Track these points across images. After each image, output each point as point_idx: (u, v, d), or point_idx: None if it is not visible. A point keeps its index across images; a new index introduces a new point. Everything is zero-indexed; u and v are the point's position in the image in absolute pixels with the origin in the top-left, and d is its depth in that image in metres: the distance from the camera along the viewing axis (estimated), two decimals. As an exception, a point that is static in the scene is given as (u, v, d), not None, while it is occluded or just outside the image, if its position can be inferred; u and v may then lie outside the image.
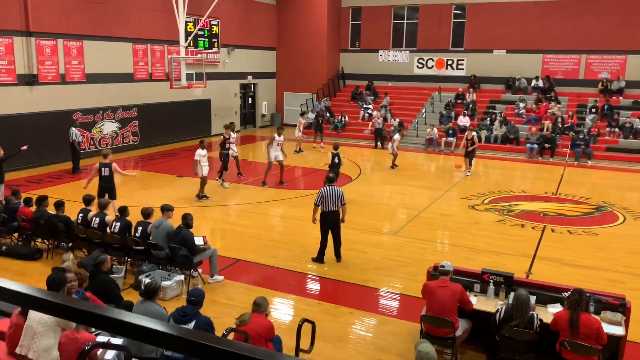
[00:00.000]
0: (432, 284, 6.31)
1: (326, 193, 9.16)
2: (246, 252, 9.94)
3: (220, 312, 7.40)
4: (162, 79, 21.35)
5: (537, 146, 20.66)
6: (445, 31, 26.44)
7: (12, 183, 14.24)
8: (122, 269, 8.51)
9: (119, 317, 1.31)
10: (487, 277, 6.70)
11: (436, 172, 18.97)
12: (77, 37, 17.97)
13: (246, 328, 5.24)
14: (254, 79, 27.48)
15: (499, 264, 9.11)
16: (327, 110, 26.17)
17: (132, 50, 20.21)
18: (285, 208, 13.09)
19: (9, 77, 16.10)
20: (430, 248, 10.45)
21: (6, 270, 8.92)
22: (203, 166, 13.04)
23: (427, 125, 23.26)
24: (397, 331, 7.11)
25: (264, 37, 27.74)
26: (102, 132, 19.38)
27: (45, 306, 1.42)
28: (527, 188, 16.02)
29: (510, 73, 25.12)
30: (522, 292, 5.79)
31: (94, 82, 18.72)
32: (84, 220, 9.21)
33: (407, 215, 12.70)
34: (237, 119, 26.70)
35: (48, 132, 17.05)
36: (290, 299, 8.13)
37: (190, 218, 8.41)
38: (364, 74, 28.17)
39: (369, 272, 9.10)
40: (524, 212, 13.00)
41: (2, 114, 15.92)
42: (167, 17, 20.42)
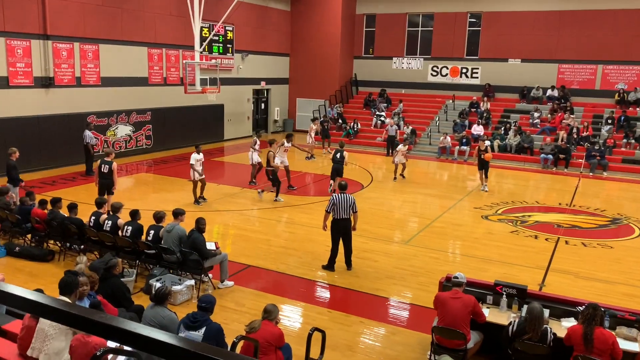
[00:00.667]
0: (445, 295, 6.24)
1: (338, 200, 9.12)
2: (256, 258, 9.92)
3: (230, 318, 7.38)
4: (176, 84, 21.49)
5: (551, 156, 20.48)
6: (460, 39, 26.37)
7: (26, 184, 14.37)
8: (133, 273, 8.53)
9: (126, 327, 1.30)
10: (500, 289, 6.62)
11: (449, 181, 18.86)
12: (93, 41, 18.15)
13: (256, 336, 5.21)
14: (267, 84, 27.58)
15: (512, 276, 9.00)
16: (339, 117, 26.18)
17: (147, 54, 20.37)
18: (295, 214, 13.07)
19: (26, 79, 16.29)
20: (442, 258, 10.36)
21: (19, 271, 8.98)
22: (197, 170, 13.14)
23: (440, 133, 23.17)
24: (407, 342, 7.04)
25: (278, 43, 27.85)
26: (116, 135, 19.52)
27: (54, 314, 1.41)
28: (541, 199, 15.86)
29: (525, 82, 24.97)
30: (536, 305, 5.70)
31: (109, 85, 18.88)
32: (96, 223, 9.25)
33: (419, 225, 12.62)
34: (250, 124, 26.81)
35: (63, 135, 17.21)
36: (300, 306, 8.09)
37: (203, 222, 8.45)
38: (377, 80, 28.16)
39: (380, 281, 9.04)
40: (538, 223, 12.86)
41: (19, 116, 16.11)
42: (182, 22, 20.58)
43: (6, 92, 15.78)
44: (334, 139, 24.60)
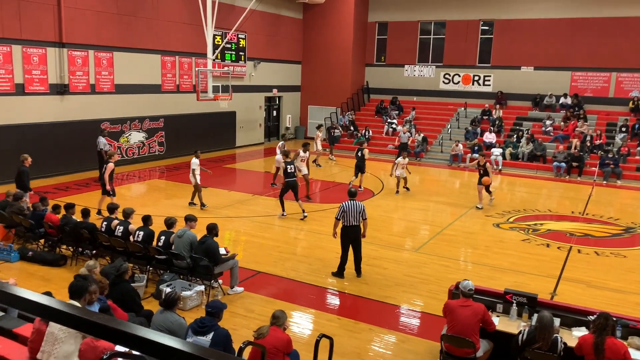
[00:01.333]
0: (454, 303, 6.21)
1: (347, 207, 9.13)
2: (266, 264, 9.94)
3: (239, 324, 7.40)
4: (189, 91, 21.68)
5: (564, 164, 20.32)
6: (472, 47, 26.32)
7: (40, 190, 14.56)
8: (143, 278, 8.59)
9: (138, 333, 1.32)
10: (510, 297, 6.57)
11: (460, 188, 18.77)
12: (107, 49, 18.39)
13: (264, 341, 5.22)
14: (279, 92, 27.71)
15: (523, 284, 8.93)
16: (351, 124, 26.21)
17: (161, 62, 20.59)
18: (305, 221, 13.08)
19: (41, 86, 16.53)
20: (453, 266, 10.31)
21: (32, 275, 9.08)
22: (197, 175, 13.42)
23: (452, 141, 23.11)
24: (416, 350, 7.01)
25: (290, 50, 28.00)
26: (129, 141, 19.72)
27: (62, 318, 1.43)
28: (554, 207, 15.73)
29: (537, 90, 24.84)
30: (546, 314, 5.65)
31: (122, 92, 19.10)
32: (107, 228, 9.34)
33: (430, 232, 12.58)
34: (261, 131, 26.94)
35: (77, 141, 17.41)
36: (309, 313, 8.09)
37: (216, 228, 8.51)
38: (389, 88, 28.18)
39: (389, 288, 9.01)
40: (550, 232, 12.75)
41: (34, 122, 16.33)
42: (195, 30, 20.77)
43: (22, 98, 16.02)
44: (346, 146, 24.72)
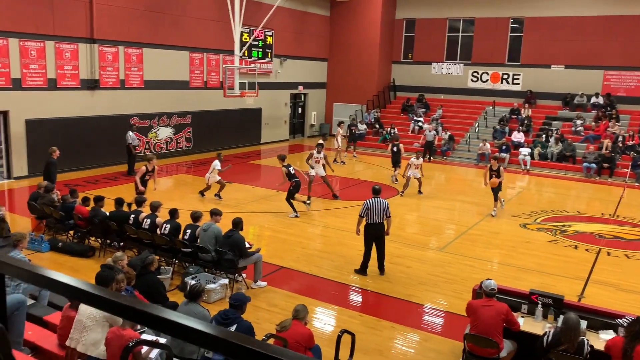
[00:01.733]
0: (477, 303, 6.15)
1: (371, 205, 9.11)
2: (289, 260, 10.00)
3: (261, 317, 7.46)
4: (216, 87, 21.88)
5: (594, 165, 19.89)
6: (501, 45, 25.95)
7: (70, 183, 14.90)
8: (169, 270, 8.73)
9: (163, 315, 1.35)
10: (535, 298, 6.48)
11: (487, 188, 18.50)
12: (137, 45, 18.69)
13: (286, 335, 5.26)
14: (305, 89, 27.76)
15: (549, 286, 8.79)
16: (376, 122, 26.12)
17: (189, 58, 20.83)
18: (329, 218, 13.10)
19: (73, 81, 16.89)
20: (478, 266, 10.20)
21: (61, 265, 9.31)
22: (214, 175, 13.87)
23: (479, 140, 22.83)
24: (439, 349, 6.97)
25: (316, 47, 28.02)
26: (157, 136, 20.01)
27: (95, 300, 1.47)
28: (583, 208, 15.42)
29: (568, 89, 24.35)
30: (572, 316, 5.56)
31: (151, 88, 19.39)
32: (135, 221, 9.51)
33: (455, 232, 12.46)
34: (287, 128, 27.03)
35: (106, 135, 17.75)
36: (332, 309, 8.11)
37: (241, 223, 8.63)
38: (416, 86, 27.97)
39: (413, 287, 8.97)
40: (578, 233, 12.52)
41: (65, 117, 16.70)
42: (223, 27, 20.95)
43: (54, 93, 16.40)
44: (370, 144, 24.64)
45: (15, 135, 15.60)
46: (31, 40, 15.62)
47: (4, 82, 15.12)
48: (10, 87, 15.27)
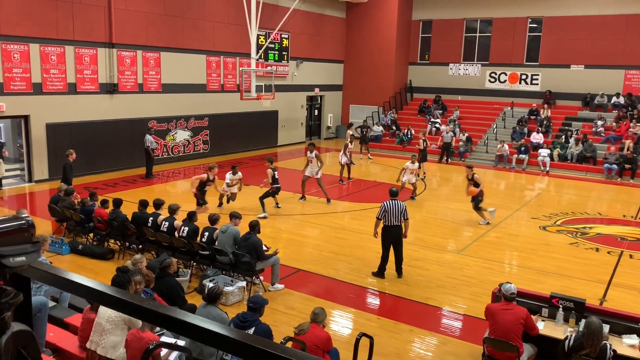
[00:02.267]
0: (495, 307, 6.08)
1: (389, 207, 9.06)
2: (306, 262, 9.99)
3: (279, 320, 7.46)
4: (233, 90, 22.00)
5: (616, 166, 19.57)
6: (519, 45, 25.69)
7: (90, 185, 15.09)
8: (187, 273, 8.78)
9: (183, 317, 1.35)
10: (556, 301, 6.39)
11: (506, 190, 18.37)
12: (155, 49, 18.88)
13: (304, 338, 5.25)
14: (321, 91, 27.78)
15: (570, 289, 8.66)
16: (393, 124, 26.03)
17: (206, 62, 20.98)
18: (346, 220, 13.07)
19: (92, 85, 17.12)
20: (496, 269, 10.09)
21: (81, 268, 9.42)
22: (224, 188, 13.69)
23: (497, 141, 22.61)
24: (458, 352, 6.90)
25: (332, 50, 28.03)
26: (175, 139, 20.18)
27: (115, 303, 1.48)
28: (604, 210, 15.17)
29: (588, 89, 24.01)
30: (594, 320, 5.46)
31: (169, 92, 19.56)
32: (154, 224, 9.59)
33: (473, 234, 12.35)
34: (303, 130, 27.07)
35: (125, 139, 17.95)
36: (349, 312, 8.08)
37: (258, 225, 8.66)
38: (433, 87, 27.82)
39: (431, 290, 8.90)
40: (600, 236, 12.31)
41: (85, 120, 16.92)
42: (239, 30, 21.07)
43: (74, 97, 16.64)
44: (387, 145, 24.56)
45: (36, 139, 15.85)
46: (51, 46, 15.87)
47: (25, 87, 15.38)
48: (31, 91, 15.53)
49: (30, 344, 1.02)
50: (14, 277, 1.26)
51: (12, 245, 0.92)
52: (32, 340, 1.02)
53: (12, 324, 0.98)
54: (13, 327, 0.98)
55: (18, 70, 15.17)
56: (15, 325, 0.99)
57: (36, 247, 0.95)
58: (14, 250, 0.91)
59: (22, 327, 1.00)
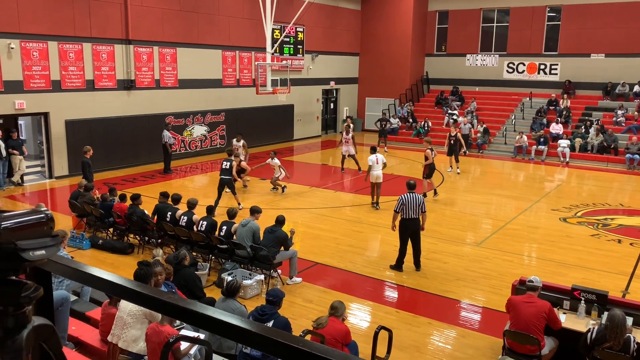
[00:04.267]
0: (517, 299, 6.01)
1: (406, 200, 9.01)
2: (324, 255, 9.99)
3: (297, 313, 7.48)
4: (248, 85, 22.04)
5: (638, 156, 19.22)
6: (537, 34, 25.29)
7: (109, 181, 15.26)
8: (206, 266, 8.84)
9: (203, 311, 1.35)
10: (578, 294, 6.30)
11: (525, 181, 18.15)
12: (171, 45, 18.97)
13: (323, 331, 5.25)
14: (336, 84, 27.69)
15: (592, 281, 8.54)
16: (409, 116, 25.85)
17: (222, 56, 21.03)
18: (363, 214, 13.04)
19: (110, 82, 17.28)
20: (516, 261, 9.99)
21: (101, 262, 9.54)
22: None
23: (516, 132, 22.34)
24: (477, 345, 6.85)
25: (348, 42, 27.90)
26: (192, 135, 20.30)
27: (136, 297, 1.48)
28: (626, 201, 14.92)
29: (609, 78, 23.56)
30: (618, 313, 5.37)
31: (185, 87, 19.66)
32: (172, 218, 9.66)
33: (492, 226, 12.23)
34: (319, 124, 27.03)
35: (142, 134, 18.10)
36: (368, 305, 8.07)
37: (284, 220, 8.73)
38: (450, 78, 27.55)
39: (450, 282, 8.84)
40: (622, 227, 12.11)
41: (103, 117, 17.10)
42: (254, 24, 21.07)
43: (92, 94, 16.81)
44: (404, 138, 24.43)
45: (56, 136, 16.06)
46: (69, 43, 16.04)
47: (45, 84, 15.57)
48: (50, 89, 15.72)
49: (51, 338, 1.02)
50: (35, 271, 1.27)
51: (31, 239, 0.92)
52: (53, 334, 1.02)
53: (33, 318, 0.98)
54: (34, 321, 0.98)
55: (37, 68, 15.36)
56: (36, 319, 0.99)
57: (55, 240, 0.95)
58: (33, 244, 0.91)
59: (43, 321, 1.00)
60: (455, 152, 17.60)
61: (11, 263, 0.91)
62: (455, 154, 17.62)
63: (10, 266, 0.91)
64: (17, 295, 0.92)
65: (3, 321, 0.92)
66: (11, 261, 0.90)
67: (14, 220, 0.91)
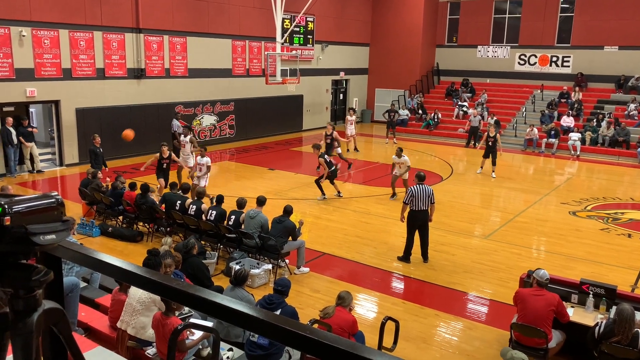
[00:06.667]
0: (526, 292, 6.00)
1: (416, 192, 8.99)
2: (332, 246, 10.01)
3: (304, 303, 7.51)
4: (258, 75, 22.00)
5: (649, 151, 19.03)
6: (550, 26, 25.00)
7: (118, 169, 15.32)
8: (214, 255, 8.89)
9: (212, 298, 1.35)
10: (586, 288, 6.27)
11: (534, 174, 18.04)
12: (181, 34, 18.95)
13: (329, 321, 5.27)
14: (346, 74, 27.57)
15: (600, 275, 8.50)
16: (419, 107, 25.72)
17: (232, 46, 21.00)
18: (371, 205, 13.03)
19: (120, 70, 17.31)
20: (524, 254, 9.95)
21: (111, 250, 9.62)
22: None
23: (527, 124, 22.16)
24: (484, 337, 6.85)
25: (358, 33, 27.74)
26: (201, 124, 20.33)
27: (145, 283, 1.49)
28: (637, 195, 14.79)
29: (622, 71, 23.27)
30: (626, 307, 5.34)
31: (195, 76, 19.66)
32: (181, 207, 9.71)
33: (501, 219, 12.18)
34: (328, 114, 26.96)
35: (152, 123, 18.14)
36: (375, 296, 8.08)
37: (292, 210, 8.84)
38: (461, 70, 27.34)
39: (457, 275, 8.84)
40: (632, 221, 12.02)
41: (113, 105, 17.16)
42: (264, 14, 20.99)
43: (102, 82, 16.86)
44: (414, 130, 24.33)
45: (67, 124, 16.15)
46: (80, 31, 16.07)
47: (55, 72, 15.63)
48: (61, 77, 15.78)
49: (61, 321, 1.04)
50: (45, 256, 1.28)
51: (42, 223, 0.92)
52: (63, 318, 1.03)
53: (43, 302, 1.00)
54: (44, 305, 0.99)
55: (48, 56, 15.42)
56: (47, 303, 1.00)
57: (66, 225, 0.96)
58: (44, 228, 0.92)
59: (53, 305, 1.01)
60: (493, 154, 16.02)
61: (22, 247, 0.92)
62: (493, 156, 16.02)
63: (20, 249, 0.92)
64: (28, 278, 0.93)
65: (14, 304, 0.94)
66: (22, 245, 0.91)
67: (25, 205, 0.91)
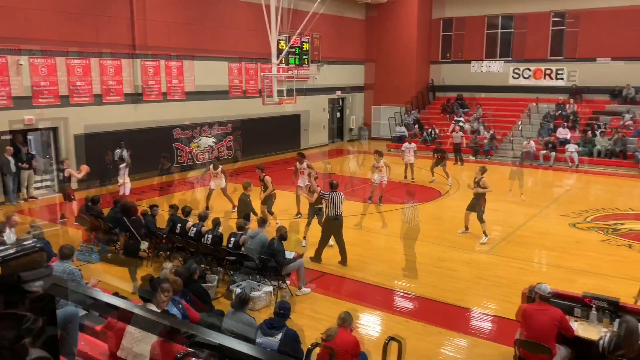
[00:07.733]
0: (530, 308, 5.96)
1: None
2: (333, 265, 9.96)
3: (306, 325, 7.44)
4: (255, 95, 22.11)
5: (647, 160, 19.07)
6: (542, 39, 25.24)
7: (117, 194, 15.29)
8: (214, 279, 8.83)
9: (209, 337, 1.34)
10: (589, 301, 6.23)
11: (533, 187, 18.03)
12: (177, 58, 19.09)
13: (332, 343, 5.22)
14: (343, 93, 27.73)
15: (603, 288, 8.43)
16: (416, 123, 25.82)
17: (228, 68, 21.13)
18: (370, 222, 12.98)
19: (117, 95, 17.40)
20: (527, 268, 9.90)
21: (112, 276, 9.55)
22: None
23: (523, 138, 22.23)
24: (489, 354, 6.79)
25: (353, 51, 27.97)
26: (199, 146, 20.37)
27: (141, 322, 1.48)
28: (636, 205, 14.78)
29: (616, 82, 23.42)
30: (631, 319, 5.30)
31: (192, 99, 19.76)
32: (182, 230, 9.68)
33: (502, 233, 12.15)
34: (326, 133, 27.05)
35: (150, 147, 18.13)
36: (377, 315, 8.03)
37: (285, 231, 8.67)
38: (456, 85, 27.52)
39: (459, 291, 8.78)
40: (632, 232, 11.99)
41: (110, 130, 17.18)
42: (260, 35, 21.15)
43: (100, 108, 16.92)
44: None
45: (65, 150, 16.17)
46: (77, 58, 16.18)
47: (53, 99, 15.71)
48: (59, 103, 15.85)
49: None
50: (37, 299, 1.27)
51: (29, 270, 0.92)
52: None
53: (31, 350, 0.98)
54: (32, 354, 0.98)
55: (45, 84, 15.51)
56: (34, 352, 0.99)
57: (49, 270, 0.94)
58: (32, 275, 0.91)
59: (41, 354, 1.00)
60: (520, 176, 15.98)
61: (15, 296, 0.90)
62: (520, 179, 16.00)
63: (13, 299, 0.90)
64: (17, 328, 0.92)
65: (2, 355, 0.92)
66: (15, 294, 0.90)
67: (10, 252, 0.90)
